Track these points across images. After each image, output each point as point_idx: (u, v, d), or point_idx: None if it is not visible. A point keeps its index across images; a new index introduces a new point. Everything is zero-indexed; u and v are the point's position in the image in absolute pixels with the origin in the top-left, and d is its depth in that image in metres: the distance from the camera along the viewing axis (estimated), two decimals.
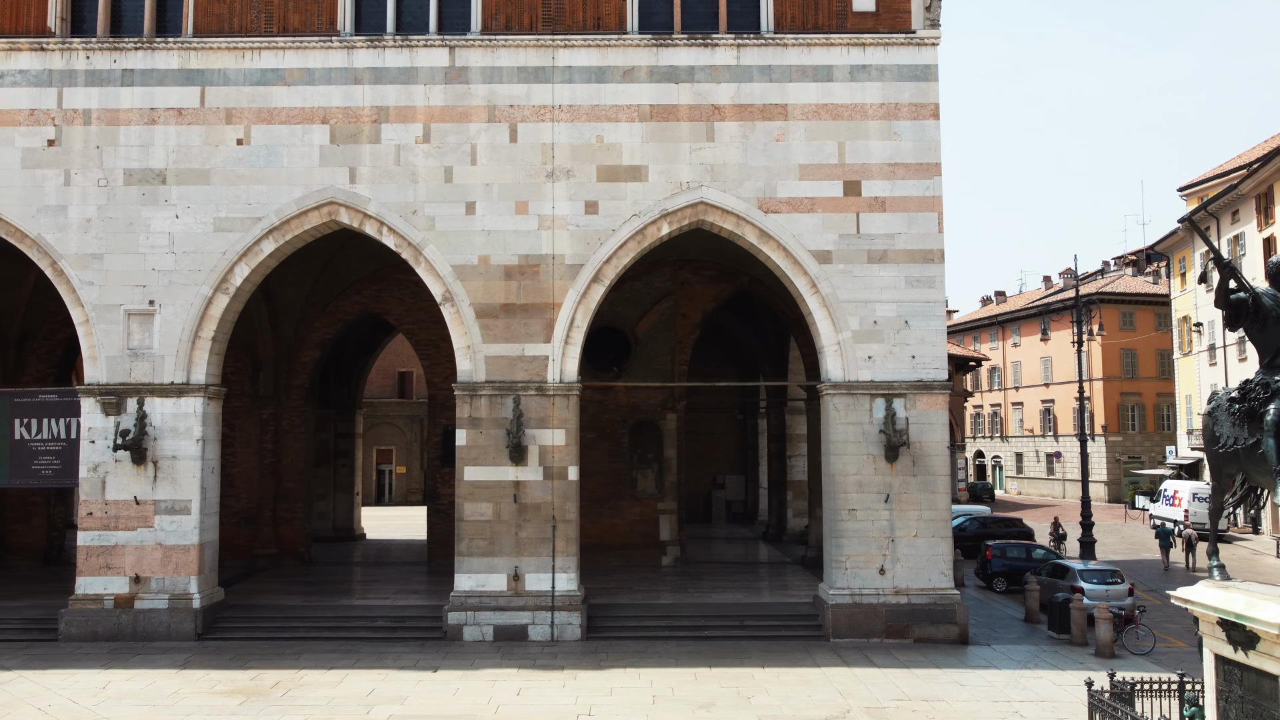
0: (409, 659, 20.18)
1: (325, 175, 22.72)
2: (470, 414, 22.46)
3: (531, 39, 22.87)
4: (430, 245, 22.58)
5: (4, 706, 16.86)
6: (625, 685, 18.12)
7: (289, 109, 22.80)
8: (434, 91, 22.86)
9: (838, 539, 22.21)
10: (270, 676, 18.74)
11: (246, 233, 22.59)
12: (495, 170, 22.75)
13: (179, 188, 22.67)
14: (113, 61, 22.88)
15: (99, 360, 22.42)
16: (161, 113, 22.79)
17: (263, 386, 30.98)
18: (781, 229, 22.61)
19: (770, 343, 38.32)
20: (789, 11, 23.14)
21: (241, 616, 22.89)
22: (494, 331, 22.53)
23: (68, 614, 21.95)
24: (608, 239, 22.62)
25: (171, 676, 18.81)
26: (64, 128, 22.78)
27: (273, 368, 31.04)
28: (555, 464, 22.35)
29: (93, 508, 22.22)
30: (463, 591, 22.10)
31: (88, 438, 22.32)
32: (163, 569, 22.07)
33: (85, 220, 22.61)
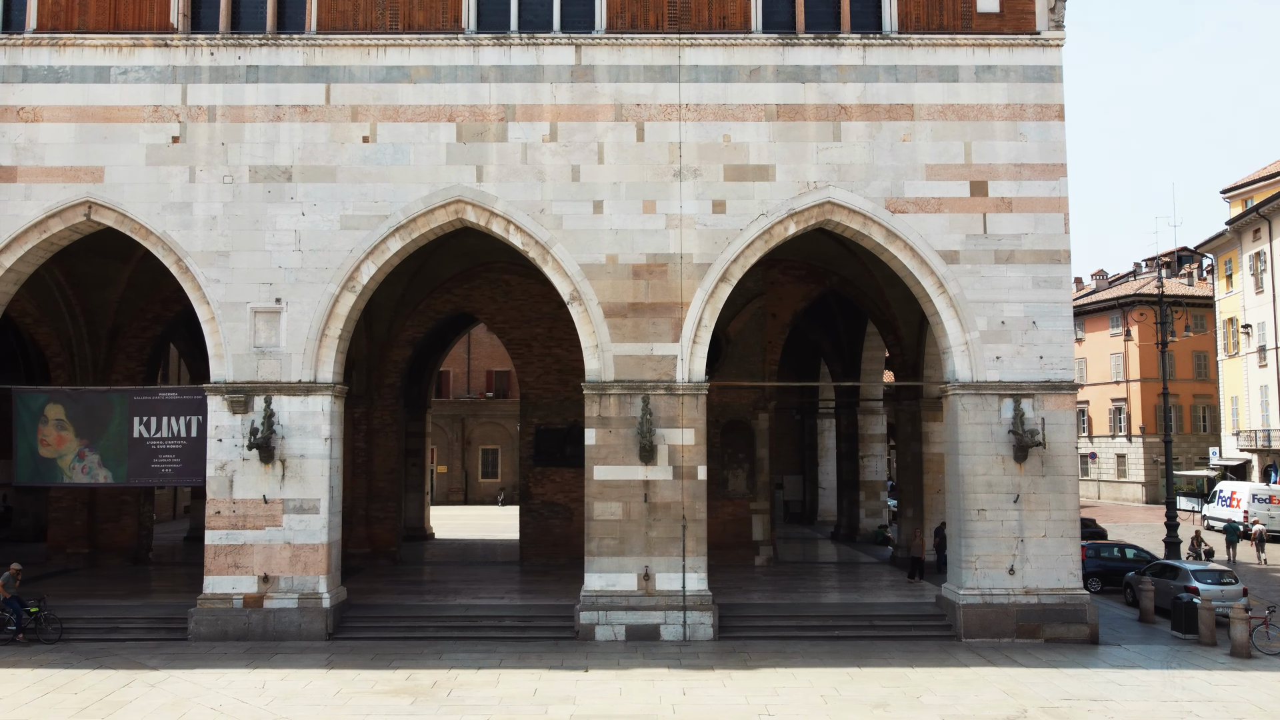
0: (552, 658, 20.12)
1: (452, 173, 22.64)
2: (599, 413, 22.41)
3: (658, 38, 22.82)
4: (558, 244, 22.51)
5: (174, 705, 16.75)
6: (785, 685, 18.08)
7: (415, 107, 22.71)
8: (560, 90, 22.79)
9: (967, 539, 22.21)
10: (424, 676, 18.65)
11: (373, 231, 22.49)
12: (622, 169, 22.70)
13: (305, 185, 22.56)
14: (237, 58, 22.75)
15: (225, 358, 22.30)
16: (286, 109, 22.68)
17: (355, 385, 30.84)
18: (909, 229, 22.61)
19: (842, 344, 38.36)
20: (913, 12, 23.15)
21: (367, 616, 22.79)
22: (622, 331, 22.48)
23: (197, 613, 21.83)
24: (735, 239, 22.59)
25: (324, 676, 18.72)
26: (188, 124, 22.65)
27: (365, 366, 30.93)
28: (685, 463, 22.31)
29: (220, 506, 22.10)
30: (593, 591, 22.04)
31: (214, 436, 22.20)
32: (291, 568, 21.96)
33: (211, 217, 22.49)
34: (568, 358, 31.65)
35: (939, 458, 30.59)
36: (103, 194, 22.45)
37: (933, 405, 30.57)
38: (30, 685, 17.98)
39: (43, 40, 22.65)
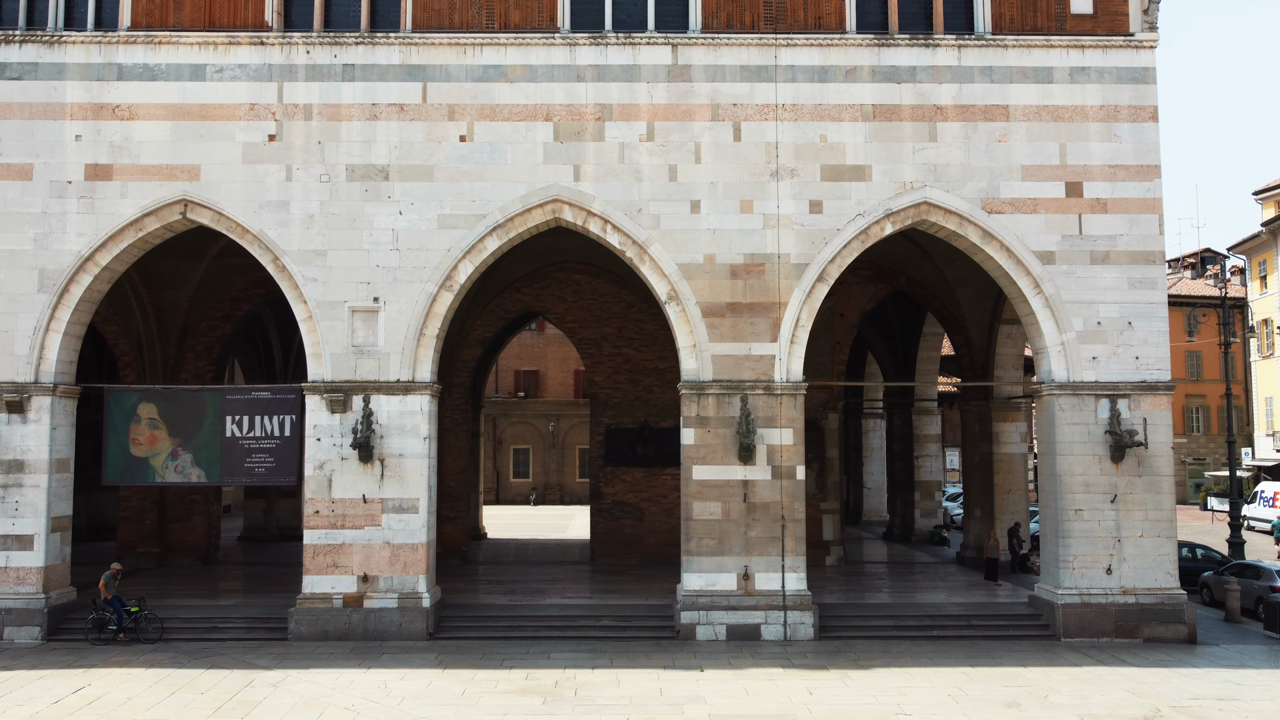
0: (661, 658, 20.12)
1: (549, 173, 22.61)
2: (697, 413, 22.40)
3: (754, 38, 22.83)
4: (655, 244, 22.50)
5: (306, 705, 16.70)
6: (905, 684, 18.10)
7: (511, 106, 22.68)
8: (657, 89, 22.78)
9: (1064, 539, 22.26)
10: (543, 676, 18.63)
11: (471, 230, 22.46)
12: (719, 169, 22.69)
13: (402, 184, 22.52)
14: (333, 56, 22.70)
15: (323, 357, 22.25)
16: (383, 108, 22.64)
17: None
18: (1005, 229, 22.65)
19: (896, 344, 38.41)
20: (1007, 13, 23.19)
21: (464, 616, 22.74)
22: (720, 330, 22.48)
23: (297, 613, 21.76)
24: (832, 238, 22.61)
25: (441, 676, 18.68)
26: (285, 122, 22.59)
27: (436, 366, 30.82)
28: (783, 463, 22.32)
29: (319, 506, 22.04)
30: (693, 591, 22.03)
31: (313, 435, 22.14)
32: (390, 568, 21.91)
33: (308, 216, 22.43)
34: (638, 357, 31.64)
35: (1009, 458, 30.67)
36: (199, 192, 22.39)
37: (1003, 406, 30.62)
38: (153, 685, 17.92)
39: (138, 38, 22.57)
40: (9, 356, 22.12)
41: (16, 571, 21.78)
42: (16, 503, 21.89)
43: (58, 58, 22.60)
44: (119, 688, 17.75)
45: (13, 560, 21.81)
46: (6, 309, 22.18)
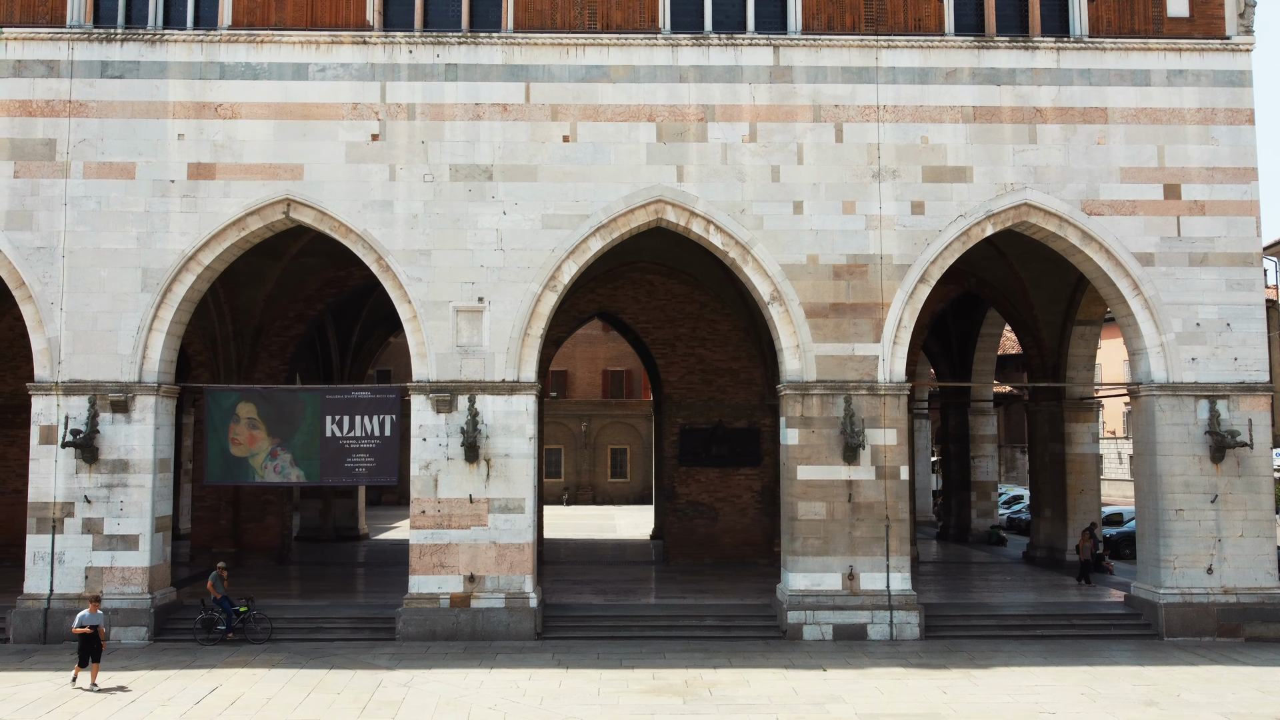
0: (777, 657, 20.19)
1: (652, 173, 22.65)
2: (801, 413, 22.45)
3: (855, 39, 22.90)
4: (759, 244, 22.55)
5: (449, 705, 16.70)
6: (1032, 683, 18.19)
7: (614, 106, 22.70)
8: (759, 90, 22.83)
9: (1165, 539, 22.39)
10: (670, 675, 18.67)
11: (575, 230, 22.48)
12: (822, 170, 22.77)
13: (506, 184, 22.52)
14: (435, 56, 22.68)
15: (428, 357, 22.24)
16: (486, 108, 22.63)
17: None
18: (1104, 231, 22.77)
19: (952, 345, 38.56)
20: (1104, 16, 23.32)
21: (566, 616, 22.75)
22: (824, 331, 22.55)
23: (404, 613, 21.74)
24: (934, 239, 22.71)
25: (567, 675, 18.69)
26: (388, 122, 22.57)
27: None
28: (887, 463, 22.40)
29: (425, 506, 22.04)
30: (798, 590, 22.09)
31: (419, 435, 22.12)
32: (497, 568, 21.91)
33: (412, 216, 22.41)
34: (711, 358, 31.69)
35: (1081, 458, 30.82)
36: (302, 192, 22.36)
37: (1075, 406, 30.76)
38: (284, 685, 17.90)
39: (240, 37, 22.52)
40: (112, 356, 22.05)
41: (122, 572, 21.71)
42: (121, 503, 21.82)
43: (159, 56, 22.53)
44: (252, 688, 17.72)
45: (118, 560, 21.74)
46: (110, 308, 22.11)
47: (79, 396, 21.94)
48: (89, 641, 17.53)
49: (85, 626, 17.60)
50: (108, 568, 21.71)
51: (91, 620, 17.64)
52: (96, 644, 17.59)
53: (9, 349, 30.70)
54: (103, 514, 21.80)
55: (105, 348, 22.07)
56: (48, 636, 21.36)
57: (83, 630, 17.56)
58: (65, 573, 21.69)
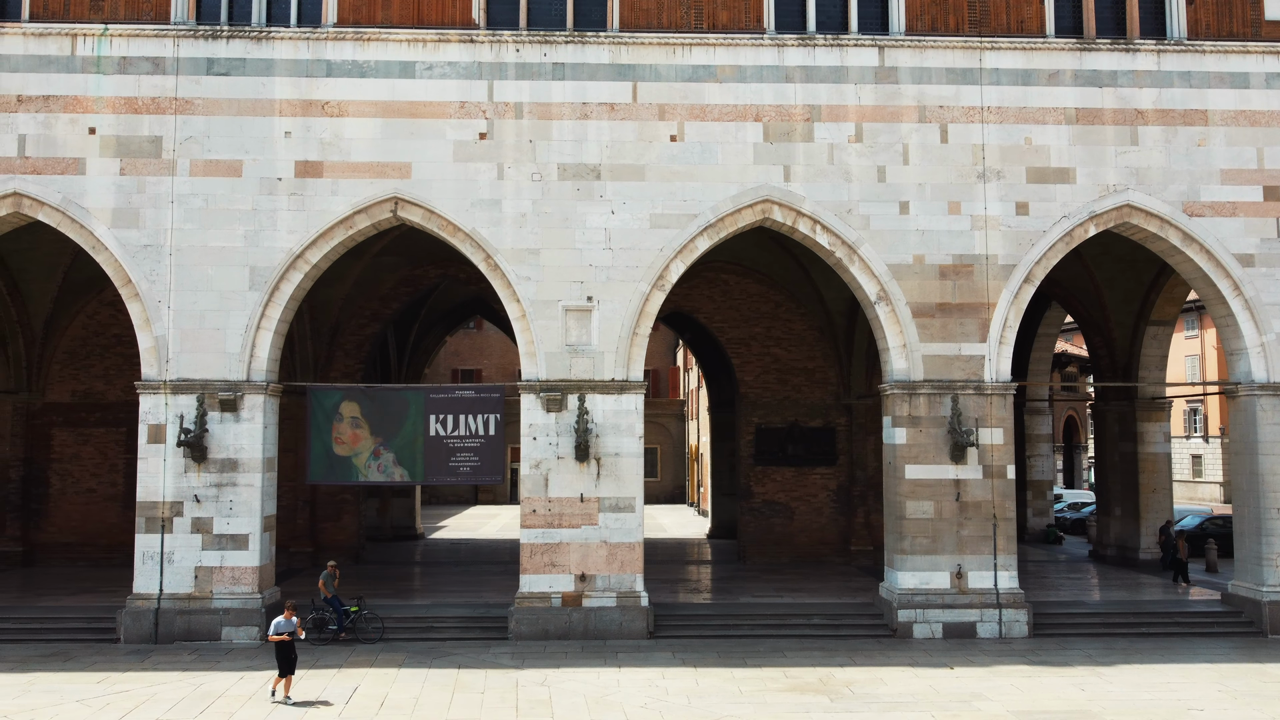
0: (897, 655, 20.29)
1: (759, 173, 22.69)
2: (909, 413, 22.54)
3: (959, 40, 23.01)
4: (865, 244, 22.63)
5: (599, 704, 16.70)
6: (1165, 680, 18.32)
7: (721, 106, 22.73)
8: (864, 91, 22.91)
9: (1267, 537, 22.56)
10: (801, 674, 18.69)
11: (682, 230, 22.50)
12: (927, 170, 22.86)
13: (613, 183, 22.52)
14: (542, 55, 22.66)
15: (537, 356, 22.22)
16: (593, 107, 22.63)
17: None
18: (1205, 233, 22.95)
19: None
20: (1203, 19, 23.51)
21: (673, 615, 22.75)
22: (930, 331, 22.65)
23: (517, 612, 21.73)
24: (1038, 240, 22.83)
25: (700, 674, 18.70)
26: (495, 121, 22.54)
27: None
28: (994, 462, 22.51)
29: (535, 505, 22.02)
30: (907, 589, 22.18)
31: (529, 434, 22.10)
32: (607, 567, 21.92)
33: (520, 215, 22.39)
34: (786, 357, 31.79)
35: (1153, 458, 31.02)
36: (410, 190, 22.29)
37: (1148, 406, 30.96)
38: (423, 685, 17.86)
39: (346, 34, 22.45)
40: (220, 354, 21.95)
41: (232, 571, 21.61)
42: (231, 502, 21.72)
43: (265, 54, 22.43)
44: (392, 688, 17.67)
45: (228, 560, 21.64)
46: (217, 306, 22.02)
47: (187, 395, 21.83)
48: (286, 650, 16.64)
49: (283, 634, 16.69)
50: (217, 567, 21.61)
51: (287, 627, 16.79)
52: (293, 653, 16.77)
53: (81, 348, 30.49)
54: (212, 513, 21.70)
55: (213, 346, 21.97)
56: (158, 637, 21.27)
57: (280, 638, 16.66)
58: (175, 572, 21.57)
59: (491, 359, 64.10)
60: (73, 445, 30.24)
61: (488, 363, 64.31)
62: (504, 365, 64.42)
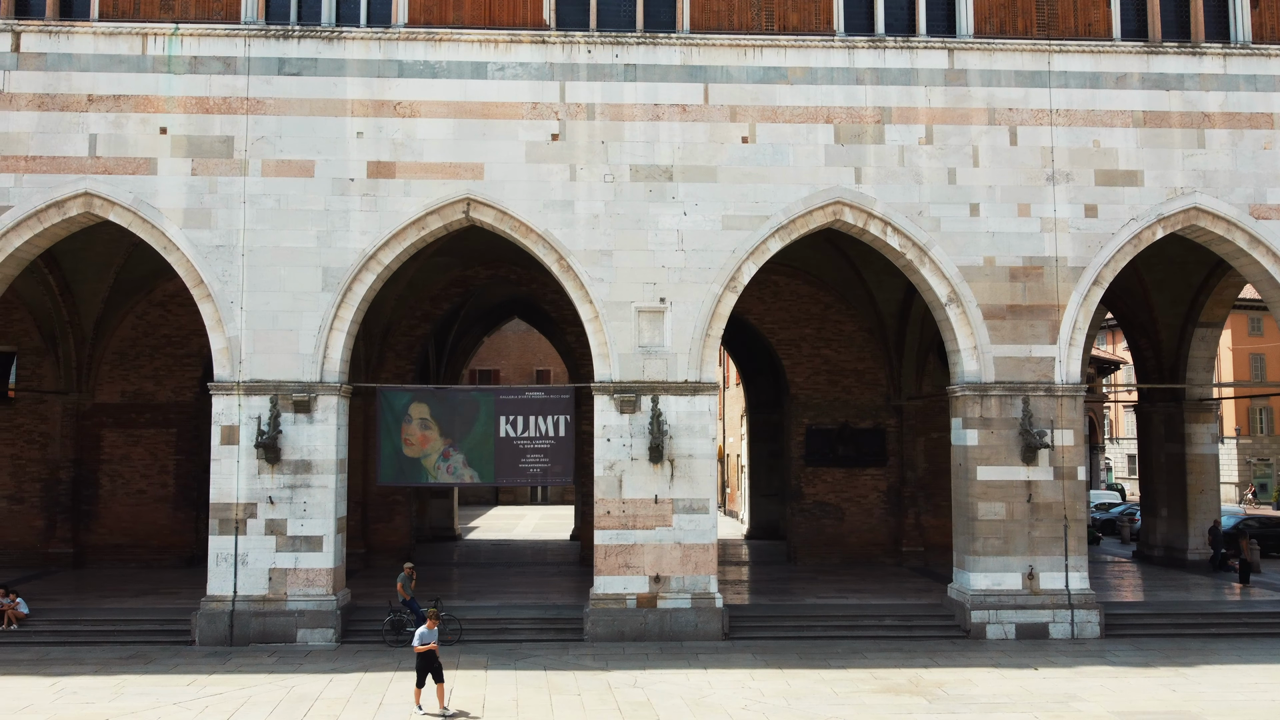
0: (978, 656, 20.39)
1: (830, 175, 22.72)
2: (980, 414, 22.60)
3: (1028, 43, 23.08)
4: (936, 246, 22.68)
5: (700, 706, 16.71)
6: (1255, 681, 18.39)
7: (792, 108, 22.76)
8: (934, 93, 22.97)
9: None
10: (891, 675, 18.72)
11: (754, 231, 22.52)
12: (996, 172, 22.93)
13: (685, 185, 22.52)
14: (614, 56, 22.65)
15: (610, 358, 22.20)
16: (665, 109, 22.62)
17: None
18: (1272, 235, 23.05)
19: None
20: (1266, 23, 23.64)
21: (746, 617, 22.76)
22: (1001, 333, 22.72)
23: (592, 613, 21.71)
24: (1107, 242, 22.93)
25: (787, 675, 18.71)
26: (567, 122, 22.51)
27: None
28: (1065, 464, 22.60)
29: (609, 506, 22.01)
30: (980, 590, 22.24)
31: (602, 436, 22.09)
32: (682, 568, 21.93)
33: (593, 216, 22.37)
34: (836, 358, 31.85)
35: (1201, 459, 31.21)
36: (482, 191, 22.26)
37: (1195, 407, 31.11)
38: (516, 687, 17.87)
39: (418, 35, 22.40)
40: (294, 355, 21.88)
41: (306, 573, 21.54)
42: (305, 504, 21.65)
43: (336, 54, 22.37)
44: (487, 690, 17.68)
45: (302, 562, 21.57)
46: (290, 307, 21.94)
47: (260, 396, 21.76)
48: (429, 660, 16.37)
49: (429, 644, 16.37)
50: (291, 569, 21.54)
51: (431, 637, 16.45)
52: (437, 662, 16.49)
53: (130, 349, 30.33)
54: (285, 515, 21.63)
55: (286, 347, 21.89)
56: (233, 639, 21.19)
57: (427, 648, 16.36)
58: (248, 574, 21.50)
59: (509, 359, 64.04)
60: (122, 446, 30.08)
61: (505, 363, 64.24)
62: (521, 366, 64.44)
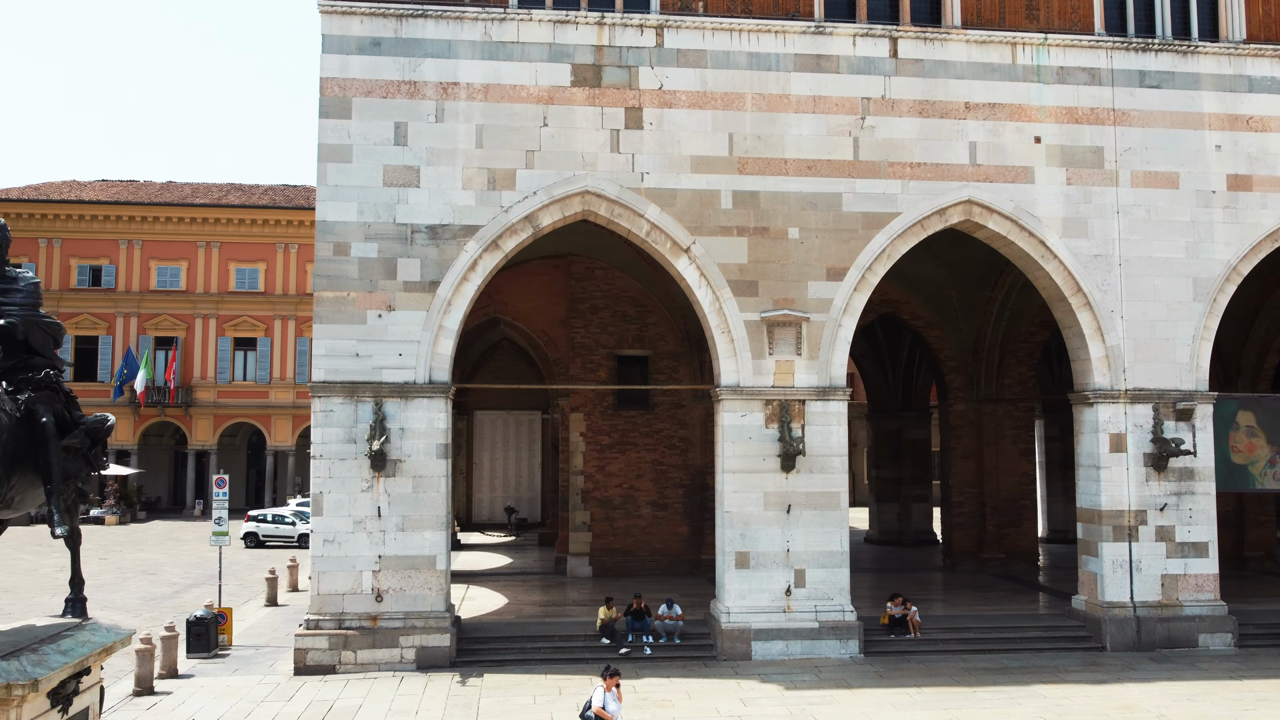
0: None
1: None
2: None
3: None
4: None
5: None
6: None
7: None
8: None
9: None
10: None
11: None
12: None
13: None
14: None
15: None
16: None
17: None
18: None
19: None
20: None
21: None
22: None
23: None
24: None
25: None
26: None
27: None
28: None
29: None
30: None
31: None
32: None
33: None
34: None
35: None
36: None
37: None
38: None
39: (1265, 51, 22.85)
40: (1169, 364, 22.19)
41: (1195, 579, 21.87)
42: (1190, 511, 21.97)
43: (1190, 68, 22.73)
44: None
45: (1190, 568, 21.89)
46: (1164, 316, 22.24)
47: (1143, 405, 22.04)
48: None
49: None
50: (1181, 575, 21.86)
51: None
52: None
53: None
54: (1173, 522, 21.94)
55: (1162, 356, 22.19)
56: (1140, 644, 21.43)
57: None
58: (1142, 580, 21.76)
59: None
60: None
61: None
62: None
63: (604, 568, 29.14)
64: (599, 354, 29.55)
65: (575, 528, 29.31)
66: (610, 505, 29.48)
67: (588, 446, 29.32)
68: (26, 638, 10.17)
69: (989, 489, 30.15)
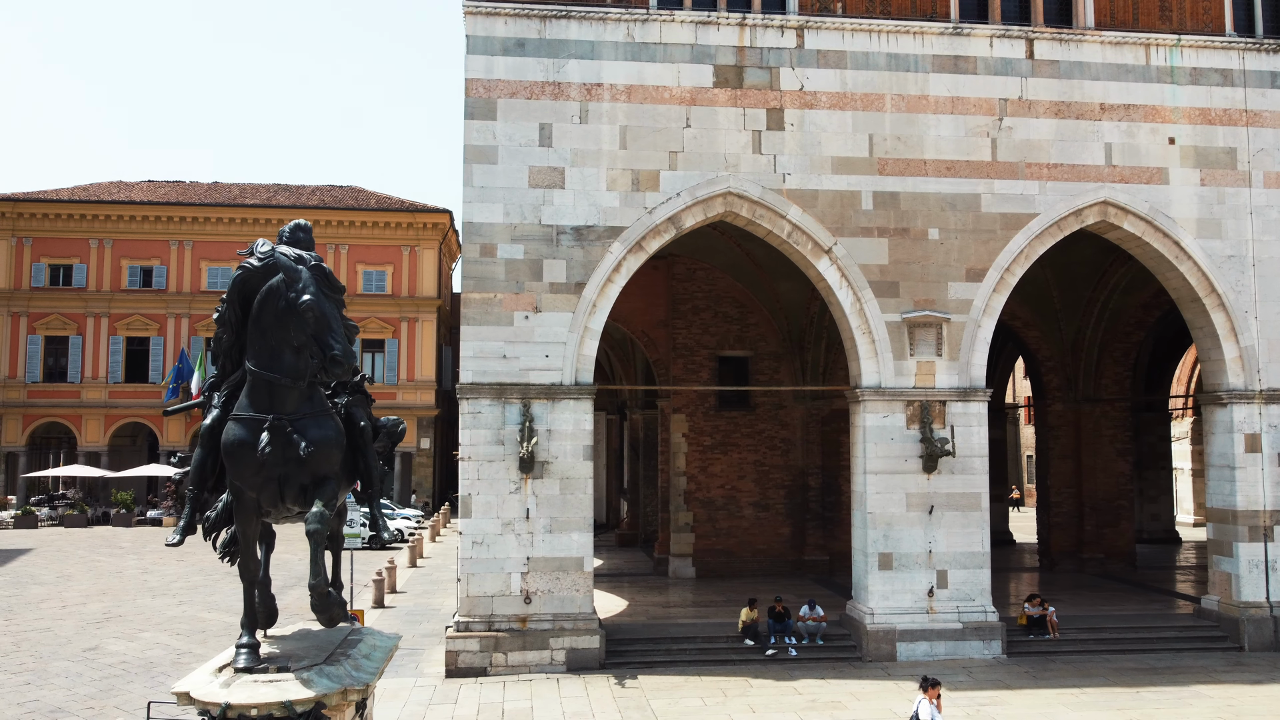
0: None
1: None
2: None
3: None
4: None
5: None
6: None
7: None
8: None
9: None
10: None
11: None
12: None
13: None
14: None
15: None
16: None
17: None
18: None
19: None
20: None
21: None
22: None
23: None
24: None
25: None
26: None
27: None
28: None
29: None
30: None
31: None
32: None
33: None
34: None
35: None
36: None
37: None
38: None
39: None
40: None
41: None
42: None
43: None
44: None
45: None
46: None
47: (1277, 405, 22.07)
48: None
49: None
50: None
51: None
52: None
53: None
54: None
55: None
56: (1279, 644, 21.49)
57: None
58: (1278, 580, 21.80)
59: None
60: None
61: None
62: None
63: (707, 568, 29.13)
64: (701, 354, 29.53)
65: (678, 529, 29.28)
66: (713, 506, 29.46)
67: (690, 447, 29.29)
68: (325, 643, 10.15)
69: (1087, 489, 30.17)
